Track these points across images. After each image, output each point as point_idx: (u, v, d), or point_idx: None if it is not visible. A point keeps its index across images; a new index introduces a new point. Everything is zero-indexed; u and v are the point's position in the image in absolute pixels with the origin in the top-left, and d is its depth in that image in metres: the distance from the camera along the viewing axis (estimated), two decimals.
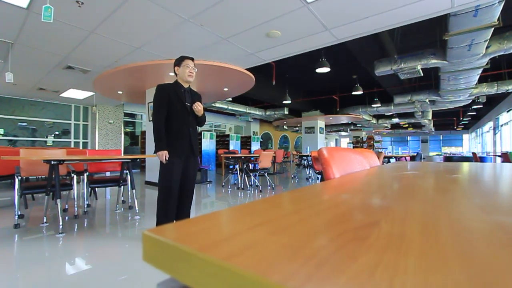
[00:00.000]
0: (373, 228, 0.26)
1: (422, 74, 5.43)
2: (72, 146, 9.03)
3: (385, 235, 0.24)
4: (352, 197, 0.43)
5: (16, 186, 2.80)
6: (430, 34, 5.13)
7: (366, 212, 0.33)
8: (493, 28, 3.64)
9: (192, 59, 2.38)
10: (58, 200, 2.70)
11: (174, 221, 2.21)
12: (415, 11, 2.99)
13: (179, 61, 2.35)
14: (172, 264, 0.20)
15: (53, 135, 8.66)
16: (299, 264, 0.17)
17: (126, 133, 10.63)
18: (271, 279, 0.15)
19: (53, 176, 2.72)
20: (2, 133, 7.72)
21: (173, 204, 2.29)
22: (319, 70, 5.71)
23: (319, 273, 0.16)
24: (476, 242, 0.23)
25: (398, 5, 2.88)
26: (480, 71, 5.56)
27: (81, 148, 9.14)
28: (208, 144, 10.65)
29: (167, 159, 2.22)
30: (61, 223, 2.66)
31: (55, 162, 2.68)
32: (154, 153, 2.26)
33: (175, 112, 2.31)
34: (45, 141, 8.53)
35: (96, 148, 9.03)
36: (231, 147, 11.89)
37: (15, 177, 2.85)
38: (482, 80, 6.93)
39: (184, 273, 0.19)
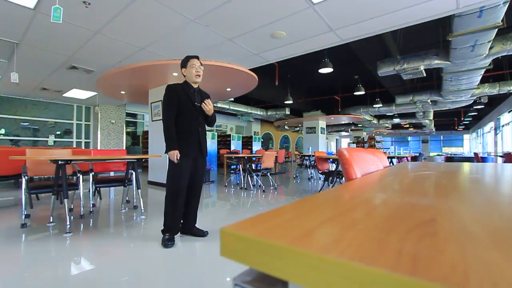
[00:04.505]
0: (435, 225, 0.27)
1: (425, 75, 5.45)
2: (74, 146, 9.05)
3: (451, 231, 0.25)
4: (391, 196, 0.44)
5: (23, 186, 2.81)
6: (433, 35, 5.14)
7: (415, 210, 0.34)
8: (496, 29, 3.66)
9: (197, 57, 2.39)
10: (66, 200, 2.71)
11: (182, 221, 2.19)
12: (421, 12, 3.01)
13: (184, 62, 2.36)
14: (257, 258, 0.21)
15: (53, 135, 8.67)
16: (394, 256, 0.18)
17: (127, 133, 10.64)
18: (380, 269, 0.16)
19: (60, 176, 2.73)
20: (3, 132, 7.73)
21: (181, 204, 2.30)
22: (322, 71, 5.72)
23: (421, 263, 0.17)
24: None
25: (404, 6, 2.90)
26: (482, 71, 5.57)
27: (83, 147, 9.16)
28: (209, 144, 10.68)
29: (178, 158, 2.23)
30: (68, 223, 2.67)
31: (63, 162, 2.69)
32: (165, 152, 2.26)
33: (185, 112, 2.32)
34: (46, 141, 8.54)
35: (98, 148, 9.04)
36: (233, 147, 11.90)
37: (22, 176, 2.85)
38: (484, 80, 6.95)
39: (276, 267, 0.20)
